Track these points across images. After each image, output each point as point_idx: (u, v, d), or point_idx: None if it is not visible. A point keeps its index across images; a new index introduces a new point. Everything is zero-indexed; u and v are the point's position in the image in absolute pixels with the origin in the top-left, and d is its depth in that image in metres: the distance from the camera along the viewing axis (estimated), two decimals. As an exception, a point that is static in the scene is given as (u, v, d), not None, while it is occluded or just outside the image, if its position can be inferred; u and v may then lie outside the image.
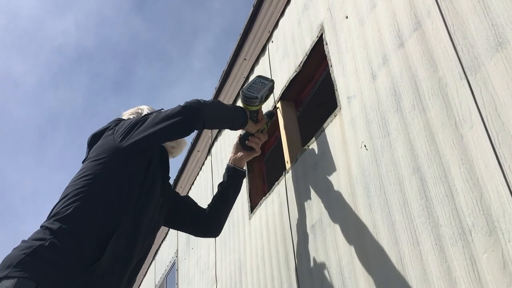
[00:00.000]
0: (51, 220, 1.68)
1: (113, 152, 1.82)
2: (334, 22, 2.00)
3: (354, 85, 1.80)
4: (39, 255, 1.56)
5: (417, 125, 1.44)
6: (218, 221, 2.15)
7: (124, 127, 1.87)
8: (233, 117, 2.03)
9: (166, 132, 1.86)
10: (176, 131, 1.89)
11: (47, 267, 1.55)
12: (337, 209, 1.80)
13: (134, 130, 1.84)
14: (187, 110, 1.84)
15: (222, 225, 2.18)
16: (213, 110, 1.96)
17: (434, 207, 1.33)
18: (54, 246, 1.58)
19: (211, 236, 2.23)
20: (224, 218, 2.18)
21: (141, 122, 1.86)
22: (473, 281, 1.18)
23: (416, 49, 1.49)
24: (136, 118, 1.92)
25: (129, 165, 1.82)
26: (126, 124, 1.89)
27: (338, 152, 1.85)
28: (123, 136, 1.83)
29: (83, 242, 1.63)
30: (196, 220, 2.13)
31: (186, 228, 2.21)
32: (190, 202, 2.18)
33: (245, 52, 3.02)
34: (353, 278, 1.64)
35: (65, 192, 1.78)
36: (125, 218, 1.71)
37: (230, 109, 2.07)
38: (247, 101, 2.02)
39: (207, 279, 3.24)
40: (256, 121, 2.10)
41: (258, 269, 2.42)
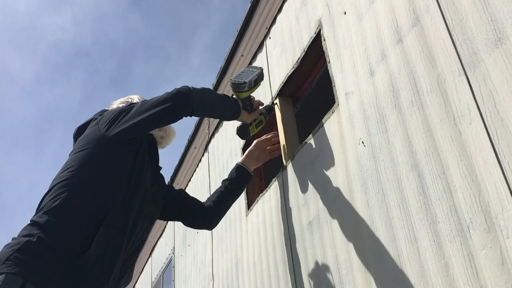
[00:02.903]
0: (39, 214, 1.66)
1: (98, 142, 1.79)
2: (332, 18, 1.99)
3: (352, 81, 1.79)
4: (27, 250, 1.55)
5: (415, 121, 1.43)
6: (216, 216, 2.16)
7: (109, 116, 1.84)
8: (224, 105, 2.00)
9: (154, 119, 1.82)
10: (164, 117, 1.85)
11: (35, 262, 1.54)
12: (335, 206, 1.79)
13: (119, 118, 1.81)
14: (176, 96, 1.82)
15: (219, 219, 2.19)
16: (203, 97, 1.91)
17: (432, 204, 1.32)
18: (42, 240, 1.57)
19: (207, 228, 2.23)
20: (223, 213, 2.19)
21: (126, 110, 1.83)
22: (471, 277, 1.17)
23: (414, 44, 1.48)
24: (122, 107, 1.90)
25: (116, 154, 1.79)
26: (110, 113, 1.86)
27: (336, 149, 1.84)
28: (109, 125, 1.80)
29: (71, 234, 1.61)
30: (193, 212, 2.13)
31: (183, 219, 2.20)
32: (186, 195, 2.18)
33: (242, 48, 3.01)
34: (351, 275, 1.63)
35: (51, 185, 1.76)
36: (114, 207, 1.69)
37: (221, 97, 2.03)
38: (236, 88, 2.01)
39: (203, 276, 3.23)
40: (251, 110, 2.08)
41: (255, 266, 2.41)
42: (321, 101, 2.53)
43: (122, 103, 2.12)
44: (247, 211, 2.64)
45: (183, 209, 2.13)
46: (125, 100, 2.14)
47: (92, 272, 1.60)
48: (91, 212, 1.66)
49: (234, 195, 2.18)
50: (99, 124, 1.85)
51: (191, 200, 2.17)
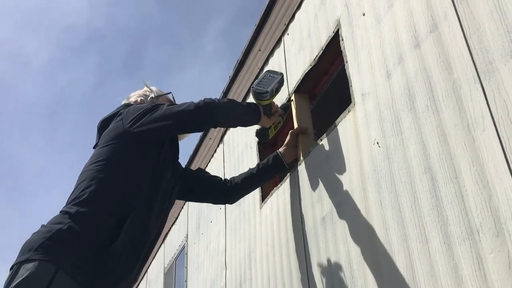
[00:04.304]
0: (70, 204, 1.75)
1: (123, 137, 1.89)
2: (350, 18, 2.02)
3: (368, 82, 1.84)
4: (58, 238, 1.63)
5: (430, 126, 1.47)
6: (238, 195, 2.30)
7: (134, 113, 1.93)
8: (246, 116, 2.11)
9: (178, 127, 1.96)
10: (188, 128, 2.00)
11: (66, 250, 1.62)
12: (348, 203, 1.85)
13: (145, 117, 1.90)
14: (200, 110, 1.92)
15: (240, 198, 2.35)
16: (226, 111, 2.02)
17: (443, 206, 1.37)
18: (72, 229, 1.66)
19: (226, 203, 2.41)
20: (245, 194, 2.34)
21: (152, 111, 1.92)
22: (479, 279, 1.23)
23: (432, 50, 1.52)
24: (147, 106, 1.97)
25: (140, 149, 1.88)
26: (135, 110, 1.95)
27: (351, 148, 1.89)
28: (133, 122, 1.89)
29: (99, 225, 1.70)
30: (214, 191, 2.25)
31: (205, 200, 2.35)
32: (206, 175, 2.31)
33: (260, 43, 3.05)
34: (362, 271, 1.69)
35: (80, 178, 1.85)
36: (138, 200, 1.78)
37: (243, 109, 2.12)
38: (258, 97, 2.08)
39: (216, 264, 3.32)
40: (270, 115, 2.15)
41: (268, 257, 2.48)
42: (337, 99, 2.57)
43: (140, 96, 2.20)
44: (261, 204, 2.71)
45: (205, 191, 2.25)
46: (143, 93, 2.22)
47: (119, 263, 1.69)
48: (117, 205, 1.75)
49: (262, 181, 2.32)
50: (123, 120, 1.93)
51: (211, 179, 2.28)
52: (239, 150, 3.18)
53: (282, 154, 2.29)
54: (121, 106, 2.13)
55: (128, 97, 2.25)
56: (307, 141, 2.33)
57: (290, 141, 2.33)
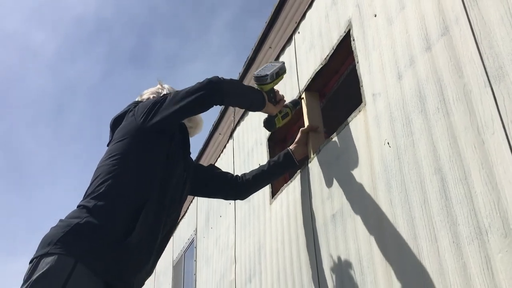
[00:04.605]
0: (87, 199, 1.80)
1: (136, 133, 1.93)
2: (362, 19, 2.05)
3: (379, 83, 1.87)
4: (76, 232, 1.68)
5: (441, 128, 1.51)
6: (250, 191, 2.35)
7: (144, 107, 1.97)
8: (251, 95, 2.12)
9: (188, 107, 1.96)
10: (198, 105, 1.99)
11: (84, 244, 1.67)
12: (358, 201, 1.89)
13: (155, 109, 1.94)
14: (207, 85, 1.95)
15: (251, 194, 2.39)
16: (233, 87, 2.05)
17: (453, 207, 1.41)
18: (90, 223, 1.71)
19: (239, 199, 2.44)
20: (256, 190, 2.38)
21: (160, 102, 1.96)
22: (487, 278, 1.27)
23: (443, 54, 1.55)
24: (156, 98, 2.02)
25: (152, 144, 1.93)
26: (145, 104, 1.99)
27: (361, 147, 1.93)
28: (145, 116, 1.94)
29: (116, 219, 1.75)
30: (226, 187, 2.30)
31: (217, 195, 2.42)
32: (217, 171, 2.35)
33: (270, 40, 3.08)
34: (372, 268, 1.74)
35: (97, 172, 1.90)
36: (152, 194, 1.83)
37: (248, 88, 2.15)
38: (258, 81, 2.11)
39: (226, 258, 3.37)
40: (275, 102, 2.17)
41: (278, 253, 2.53)
42: (347, 97, 2.60)
43: (153, 93, 2.25)
44: (271, 200, 2.75)
45: (217, 187, 2.30)
46: (155, 91, 2.27)
47: (134, 255, 1.74)
48: (132, 198, 1.80)
49: (273, 178, 2.37)
50: (135, 115, 1.97)
51: (223, 175, 2.33)
52: (249, 146, 3.22)
53: (293, 152, 2.34)
54: (132, 103, 2.18)
55: (141, 94, 2.31)
56: (317, 139, 2.37)
57: (301, 139, 2.37)
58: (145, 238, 1.78)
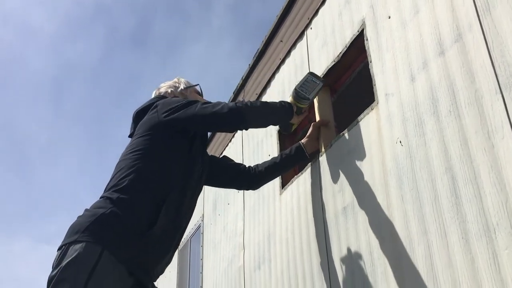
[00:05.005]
0: (110, 191, 1.90)
1: (158, 128, 2.03)
2: (376, 20, 2.13)
3: (392, 84, 1.95)
4: (102, 222, 1.79)
5: (452, 130, 1.60)
6: (262, 181, 2.46)
7: (168, 105, 2.07)
8: (277, 118, 2.26)
9: (208, 127, 2.17)
10: (218, 129, 2.23)
11: (109, 232, 1.77)
12: (370, 196, 1.99)
13: (179, 112, 2.04)
14: (233, 114, 2.05)
15: (263, 185, 2.51)
16: (258, 115, 2.16)
17: (463, 205, 1.51)
18: (114, 214, 1.81)
19: (251, 189, 2.54)
20: (268, 181, 2.50)
21: (187, 107, 2.06)
22: (494, 272, 1.37)
23: (456, 59, 1.63)
24: (182, 100, 2.11)
25: (173, 140, 2.03)
26: (170, 103, 2.09)
27: (373, 144, 2.02)
28: (168, 114, 2.04)
29: (139, 210, 1.85)
30: (239, 178, 2.41)
31: (230, 186, 2.53)
32: (231, 162, 2.46)
33: (281, 34, 3.15)
34: (382, 259, 1.84)
35: (120, 165, 1.99)
36: (173, 187, 1.93)
37: (276, 111, 2.23)
38: (298, 100, 2.23)
39: (234, 245, 3.48)
40: (300, 114, 2.28)
41: (288, 242, 2.63)
42: (358, 93, 2.69)
43: (170, 87, 2.36)
44: (281, 190, 2.85)
45: (231, 178, 2.42)
46: (172, 85, 2.37)
47: (157, 245, 1.84)
48: (155, 191, 1.90)
49: (284, 169, 2.48)
50: (158, 112, 2.07)
51: (236, 167, 2.44)
52: (259, 137, 3.31)
53: (304, 145, 2.43)
54: (154, 98, 2.27)
55: (158, 87, 2.40)
56: (328, 133, 2.46)
57: (312, 133, 2.46)
58: (166, 230, 1.88)
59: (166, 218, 1.87)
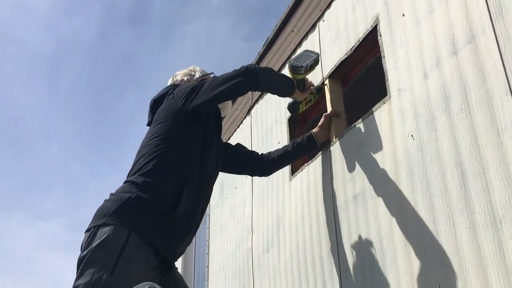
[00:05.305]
0: (135, 175, 2.00)
1: (176, 115, 2.13)
2: (390, 17, 2.21)
3: (405, 80, 2.05)
4: (128, 205, 1.90)
5: (463, 126, 1.70)
6: (274, 168, 2.58)
7: (183, 91, 2.17)
8: (283, 83, 2.34)
9: (226, 92, 2.16)
10: (234, 90, 2.21)
11: (136, 215, 1.89)
12: (380, 186, 2.10)
13: (194, 94, 2.14)
14: (245, 72, 2.15)
15: (274, 172, 2.63)
16: (267, 75, 2.28)
17: (471, 197, 1.62)
18: (140, 198, 1.92)
19: (263, 176, 2.65)
20: (280, 168, 2.63)
21: (199, 87, 2.16)
22: (499, 260, 1.49)
23: (468, 60, 1.73)
24: (193, 83, 2.21)
25: (192, 125, 2.13)
26: (184, 88, 2.19)
27: (385, 136, 2.12)
28: (184, 99, 2.13)
29: (162, 194, 1.96)
30: (252, 165, 2.53)
31: (243, 172, 2.66)
32: (244, 150, 2.58)
33: (292, 24, 3.22)
34: (392, 246, 1.96)
35: (142, 151, 2.10)
36: (192, 171, 2.04)
37: (280, 76, 2.37)
38: (293, 70, 2.31)
39: (242, 228, 3.60)
40: (303, 90, 2.38)
41: (297, 227, 2.75)
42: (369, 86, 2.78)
43: (186, 75, 2.46)
44: (290, 176, 2.96)
45: (244, 164, 2.53)
46: (188, 73, 2.48)
47: (180, 226, 1.96)
48: (176, 175, 2.01)
49: (295, 157, 2.60)
50: (175, 98, 2.17)
51: (249, 154, 2.56)
52: (268, 124, 3.41)
53: (316, 135, 2.54)
54: (170, 85, 2.37)
55: (174, 75, 2.50)
56: (339, 124, 2.56)
57: (324, 123, 2.56)
58: (188, 212, 2.00)
59: (187, 201, 1.98)
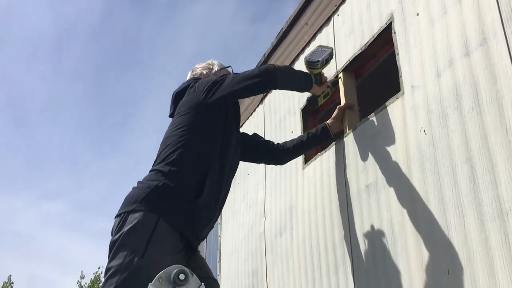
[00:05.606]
0: (161, 164, 2.14)
1: (198, 107, 2.26)
2: (404, 15, 2.31)
3: (418, 77, 2.16)
4: (156, 193, 2.03)
5: (474, 124, 1.82)
6: (289, 158, 2.73)
7: (204, 85, 2.30)
8: (301, 81, 2.46)
9: (245, 90, 2.31)
10: (254, 90, 2.36)
11: (164, 202, 2.02)
12: (393, 177, 2.22)
13: (214, 88, 2.26)
14: (263, 73, 2.28)
15: (289, 161, 2.77)
16: (286, 74, 2.40)
17: (480, 191, 1.74)
18: (167, 185, 2.05)
19: (279, 164, 2.81)
20: (296, 156, 2.78)
21: (220, 82, 2.28)
22: (505, 249, 1.61)
23: (480, 62, 1.83)
24: (215, 78, 2.33)
25: (213, 117, 2.26)
26: (206, 82, 2.32)
27: (398, 130, 2.24)
28: (206, 93, 2.26)
29: (188, 181, 2.09)
30: (268, 154, 2.67)
31: (259, 161, 2.79)
32: (261, 139, 2.73)
33: (306, 17, 3.32)
34: (403, 234, 2.09)
35: (166, 142, 2.23)
36: (214, 161, 2.17)
37: (299, 74, 2.48)
38: (310, 65, 2.44)
39: (254, 212, 3.74)
40: (320, 84, 2.51)
41: (310, 213, 2.89)
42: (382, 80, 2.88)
43: (205, 69, 2.60)
44: (303, 165, 3.09)
45: (260, 153, 2.67)
46: (207, 66, 2.61)
47: (204, 212, 2.10)
48: (199, 165, 2.14)
49: (310, 147, 2.74)
50: (196, 91, 2.30)
51: (266, 143, 2.71)
52: (281, 114, 3.52)
53: (329, 126, 2.66)
54: (191, 79, 2.50)
55: (193, 69, 2.62)
56: (352, 116, 2.68)
57: (337, 115, 2.68)
58: (211, 199, 2.13)
59: (210, 188, 2.11)
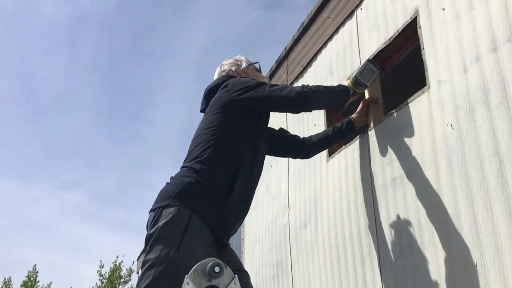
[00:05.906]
0: (192, 162, 2.20)
1: (229, 106, 2.32)
2: (430, 10, 2.33)
3: (445, 72, 2.19)
4: (189, 189, 2.10)
5: (502, 119, 1.85)
6: (315, 151, 2.80)
7: (239, 86, 2.34)
8: (336, 101, 2.50)
9: (276, 109, 2.43)
10: (284, 110, 2.51)
11: (196, 198, 2.09)
12: (419, 170, 2.26)
13: (249, 93, 2.31)
14: (299, 98, 2.31)
15: (315, 154, 2.84)
16: (321, 99, 2.43)
17: (508, 185, 1.78)
18: (199, 182, 2.12)
19: (305, 158, 2.88)
20: (322, 150, 2.85)
21: (256, 89, 2.32)
22: (533, 242, 1.66)
23: (508, 57, 1.86)
24: (251, 82, 2.37)
25: (244, 117, 2.32)
26: (240, 83, 2.36)
27: (424, 124, 2.27)
28: (238, 94, 2.31)
29: (219, 179, 2.15)
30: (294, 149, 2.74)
31: (285, 155, 2.87)
32: (287, 134, 2.78)
33: (329, 10, 3.34)
34: (430, 225, 2.14)
35: (198, 139, 2.29)
36: (245, 159, 2.23)
37: (335, 96, 2.49)
38: (357, 86, 2.51)
39: (278, 204, 3.81)
40: (353, 95, 2.55)
41: (335, 205, 2.94)
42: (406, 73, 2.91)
43: (232, 65, 2.64)
44: (327, 158, 3.13)
45: (287, 148, 2.74)
46: (234, 63, 2.66)
47: (234, 209, 2.16)
48: (230, 162, 2.20)
49: (335, 141, 2.79)
50: (229, 91, 2.34)
51: (292, 138, 2.76)
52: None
53: (354, 120, 2.70)
54: (223, 76, 2.54)
55: (221, 65, 2.67)
56: (377, 110, 2.71)
57: (362, 109, 2.72)
58: (241, 197, 2.20)
59: (241, 185, 2.18)
